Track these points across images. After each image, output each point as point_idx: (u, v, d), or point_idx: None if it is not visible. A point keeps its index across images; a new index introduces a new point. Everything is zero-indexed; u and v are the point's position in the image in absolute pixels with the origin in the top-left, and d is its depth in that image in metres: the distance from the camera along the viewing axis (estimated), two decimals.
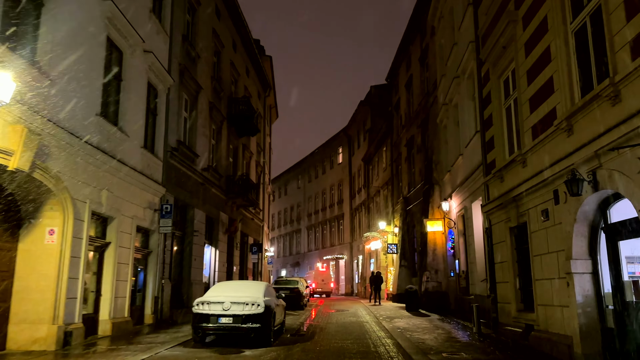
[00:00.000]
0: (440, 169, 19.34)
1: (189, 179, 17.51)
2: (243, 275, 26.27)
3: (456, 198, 16.35)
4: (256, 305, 9.95)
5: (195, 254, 17.85)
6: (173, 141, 16.06)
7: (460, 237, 16.18)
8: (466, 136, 14.73)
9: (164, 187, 15.03)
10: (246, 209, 25.72)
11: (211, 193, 20.02)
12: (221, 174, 21.32)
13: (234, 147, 24.23)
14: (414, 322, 14.54)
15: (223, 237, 21.64)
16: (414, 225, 24.29)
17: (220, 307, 9.91)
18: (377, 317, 16.51)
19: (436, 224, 18.79)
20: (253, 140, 28.32)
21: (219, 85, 21.29)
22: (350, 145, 46.19)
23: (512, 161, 10.29)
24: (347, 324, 14.62)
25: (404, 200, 25.92)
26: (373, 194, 36.64)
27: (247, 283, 11.70)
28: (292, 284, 21.90)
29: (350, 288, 43.96)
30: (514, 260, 10.57)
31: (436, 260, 18.94)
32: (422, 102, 22.67)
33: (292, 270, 58.41)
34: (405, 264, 25.26)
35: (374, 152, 36.29)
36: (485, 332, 11.73)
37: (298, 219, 58.80)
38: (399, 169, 28.75)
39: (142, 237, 14.36)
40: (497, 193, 11.24)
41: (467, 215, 14.76)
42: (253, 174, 28.01)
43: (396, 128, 29.48)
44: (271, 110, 39.30)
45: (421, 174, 22.88)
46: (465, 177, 14.62)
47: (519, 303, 10.40)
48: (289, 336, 11.91)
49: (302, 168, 58.82)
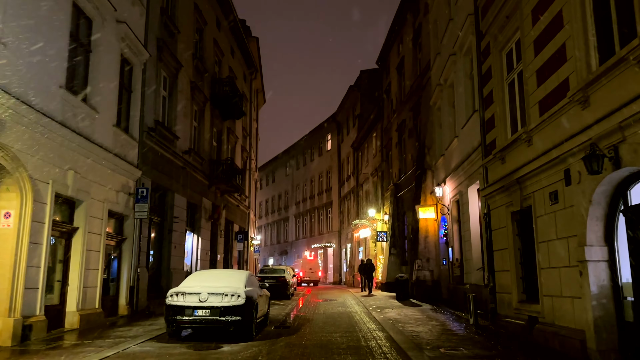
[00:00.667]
0: (433, 153, 18.54)
1: (169, 162, 16.50)
2: (228, 264, 25.37)
3: (450, 183, 15.57)
4: (236, 296, 9.08)
5: (175, 242, 16.89)
6: (150, 121, 15.01)
7: (454, 223, 15.43)
8: (462, 117, 13.91)
9: (139, 170, 14.02)
10: (231, 195, 24.75)
11: (193, 178, 19.02)
12: (204, 158, 20.31)
13: (217, 130, 23.18)
14: (406, 313, 13.80)
15: (206, 224, 20.69)
16: (405, 212, 23.54)
17: (197, 298, 9.02)
18: (366, 308, 15.76)
19: (428, 210, 18.03)
20: (238, 124, 27.27)
21: (202, 65, 20.19)
22: (339, 131, 45.26)
23: (515, 140, 9.47)
24: (336, 315, 13.83)
25: (395, 187, 25.15)
26: (362, 181, 35.85)
27: (228, 272, 10.82)
28: (278, 272, 21.04)
29: (339, 277, 43.32)
30: (515, 248, 9.81)
31: (428, 248, 18.21)
32: (414, 84, 21.79)
33: (280, 259, 57.66)
34: (395, 252, 24.55)
35: (363, 138, 35.43)
36: (483, 324, 11.00)
37: (286, 207, 57.93)
38: (389, 155, 27.94)
39: (115, 222, 13.38)
40: (498, 175, 10.44)
41: (463, 201, 13.99)
42: (238, 159, 27.01)
43: (387, 113, 28.61)
44: (258, 94, 38.16)
45: (413, 159, 22.08)
46: (461, 160, 13.82)
47: (520, 293, 9.66)
48: (273, 329, 11.08)
49: (290, 155, 57.82)
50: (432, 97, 18.06)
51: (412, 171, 21.83)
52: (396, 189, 24.98)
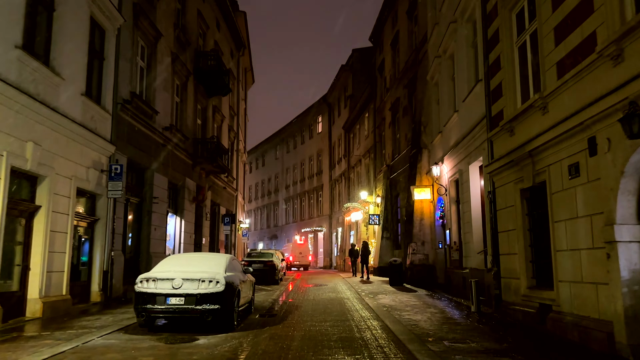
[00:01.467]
0: (430, 131, 17.54)
1: (147, 138, 15.34)
2: (214, 248, 24.37)
3: (448, 161, 14.61)
4: (214, 282, 8.07)
5: (155, 223, 15.82)
6: (126, 92, 13.82)
7: (452, 204, 14.52)
8: (463, 89, 12.89)
9: (113, 145, 12.88)
10: (217, 177, 23.65)
11: (175, 156, 17.88)
12: (187, 136, 19.15)
13: (202, 107, 21.97)
14: (401, 299, 12.92)
15: (190, 206, 19.61)
16: (398, 194, 22.62)
17: (170, 284, 8.00)
18: (358, 293, 14.87)
19: (424, 191, 17.09)
20: (225, 102, 26.04)
21: (184, 36, 18.91)
22: (330, 113, 44.11)
23: (527, 109, 8.48)
24: (326, 301, 12.92)
25: (388, 168, 24.18)
26: (354, 164, 34.86)
27: (206, 256, 9.77)
28: (266, 256, 20.06)
29: (329, 261, 42.55)
30: (525, 228, 8.88)
31: (423, 231, 17.32)
32: (409, 59, 20.70)
33: (270, 243, 56.80)
34: (388, 236, 23.68)
35: (355, 118, 34.34)
36: (486, 312, 10.14)
37: (276, 190, 56.90)
38: (382, 135, 26.92)
39: (86, 202, 12.28)
40: (505, 149, 9.46)
41: (462, 180, 13.04)
42: (225, 139, 25.84)
43: (380, 91, 27.52)
44: (246, 73, 36.82)
45: (407, 138, 21.09)
46: (462, 135, 12.83)
47: (530, 279, 8.76)
48: (257, 317, 10.12)
49: (280, 138, 56.60)
50: (429, 71, 17.00)
51: (406, 151, 20.86)
52: (389, 170, 24.01)
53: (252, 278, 11.05)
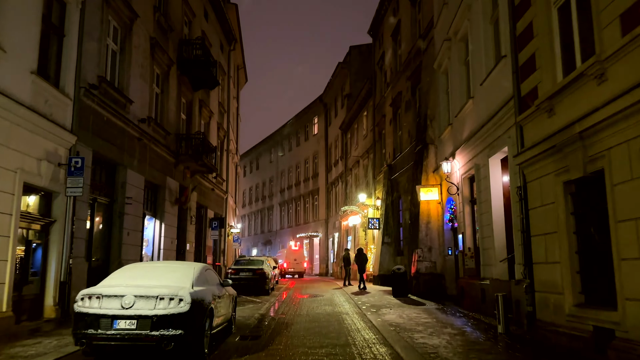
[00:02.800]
0: (437, 125, 15.81)
1: (119, 130, 13.52)
2: (201, 254, 22.49)
3: (461, 156, 12.86)
4: (177, 300, 6.25)
5: (128, 227, 13.98)
6: (92, 76, 12.01)
7: (465, 205, 12.75)
8: (481, 72, 11.16)
9: (74, 135, 11.05)
10: (204, 177, 21.82)
11: (154, 153, 16.06)
12: (169, 131, 17.33)
13: (187, 101, 20.18)
14: (409, 315, 11.11)
15: (172, 209, 17.77)
16: (400, 196, 20.85)
17: (118, 303, 6.17)
18: (358, 306, 13.06)
19: (431, 191, 15.33)
20: (214, 97, 24.26)
21: (166, 22, 17.15)
22: (326, 114, 42.43)
23: (574, 80, 6.74)
24: (322, 318, 11.09)
25: (388, 168, 22.43)
26: (351, 165, 33.11)
27: (172, 266, 7.90)
28: (255, 264, 18.17)
29: (325, 268, 40.67)
30: (570, 231, 7.11)
31: (430, 235, 15.53)
32: (412, 49, 19.00)
33: (264, 249, 54.91)
34: (389, 241, 21.89)
35: (353, 118, 32.63)
36: (516, 333, 8.35)
37: (270, 195, 55.08)
38: (382, 133, 25.19)
39: (39, 200, 10.44)
40: (542, 134, 7.71)
41: (480, 176, 11.28)
42: (213, 137, 24.03)
43: (379, 87, 25.81)
44: (238, 70, 35.09)
45: (410, 135, 19.36)
46: (479, 125, 11.09)
47: (577, 294, 6.98)
48: (237, 340, 8.30)
49: (274, 140, 54.86)
50: (437, 58, 15.28)
51: (409, 149, 19.12)
52: (390, 170, 22.26)
53: (233, 291, 9.22)
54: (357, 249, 22.66)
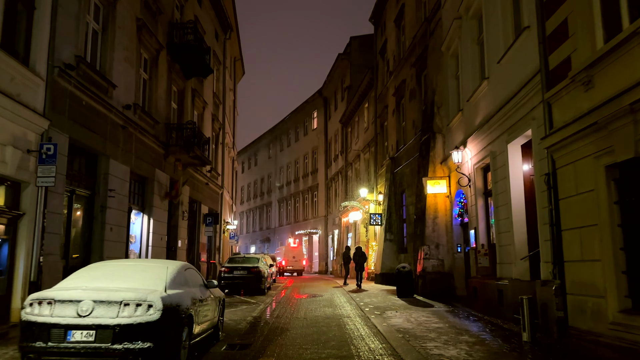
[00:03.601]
0: (445, 112, 14.71)
1: (101, 116, 12.42)
2: (194, 252, 21.42)
3: (474, 144, 11.77)
4: (145, 306, 5.17)
5: (112, 222, 12.89)
6: (68, 55, 10.90)
7: (478, 198, 11.66)
8: (498, 48, 10.06)
9: (46, 119, 9.95)
10: (197, 171, 20.71)
11: (141, 143, 14.97)
12: (157, 120, 16.21)
13: (179, 90, 19.07)
14: (417, 318, 10.03)
15: (161, 203, 16.67)
16: (404, 190, 19.77)
17: (74, 309, 5.09)
18: (360, 308, 11.99)
19: (438, 183, 14.24)
20: (208, 87, 23.13)
21: (154, 3, 16.02)
22: (326, 107, 41.30)
23: (621, 43, 5.65)
24: (321, 322, 10.01)
25: (391, 161, 21.34)
26: (352, 160, 32.01)
27: (145, 264, 6.71)
28: (251, 262, 17.06)
29: (325, 266, 39.62)
30: (614, 223, 6.03)
31: (437, 231, 14.45)
32: (417, 33, 17.88)
33: (262, 247, 53.85)
34: (392, 238, 20.83)
35: (353, 110, 31.51)
36: (544, 341, 7.27)
37: (269, 191, 54.00)
38: (384, 125, 24.09)
39: (5, 191, 9.34)
40: (577, 111, 6.62)
41: (496, 165, 10.19)
42: (207, 129, 22.92)
43: (381, 78, 24.69)
44: (235, 62, 33.94)
45: (415, 125, 18.26)
46: (496, 107, 9.99)
47: (622, 298, 5.91)
48: (223, 349, 7.22)
49: (273, 136, 53.75)
50: (445, 40, 14.18)
51: (414, 140, 18.03)
52: (393, 163, 21.17)
53: (220, 293, 8.14)
54: (356, 247, 21.61)
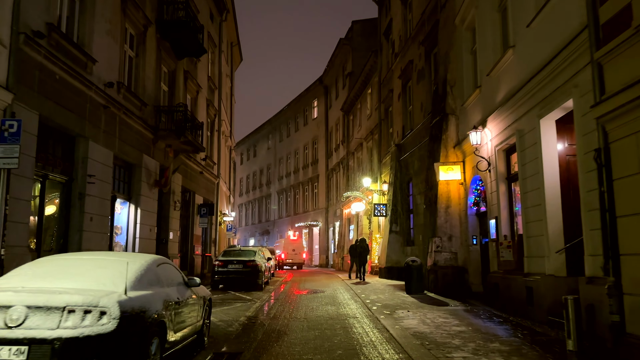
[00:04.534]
0: (459, 91, 13.43)
1: (78, 94, 11.17)
2: (187, 244, 20.22)
3: (495, 123, 10.50)
4: (96, 313, 3.94)
5: (92, 211, 11.67)
6: (38, 22, 9.61)
7: (500, 183, 10.40)
8: (527, 11, 8.76)
9: (10, 92, 8.71)
10: (190, 158, 19.46)
11: (127, 125, 13.72)
12: (145, 102, 14.94)
13: (169, 70, 17.78)
14: (434, 319, 8.82)
15: (150, 192, 15.44)
16: (411, 178, 18.52)
17: (1, 317, 3.86)
18: (367, 306, 10.78)
19: (452, 169, 12.99)
20: (202, 70, 21.82)
21: None
22: (327, 96, 39.96)
23: None
24: (324, 323, 8.81)
25: (397, 148, 20.07)
26: (354, 149, 30.75)
27: (105, 259, 5.38)
28: (246, 255, 15.82)
29: (325, 259, 38.47)
30: None
31: (450, 222, 13.22)
32: (426, 9, 16.56)
33: (262, 239, 52.71)
34: (397, 230, 19.61)
35: (355, 97, 30.20)
36: (596, 351, 6.06)
37: (268, 183, 52.75)
38: (388, 111, 22.80)
39: None
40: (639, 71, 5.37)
41: (524, 144, 8.94)
42: (202, 114, 21.63)
43: (386, 60, 23.37)
44: (232, 48, 32.62)
45: (423, 109, 16.99)
46: (525, 78, 8.72)
47: None
48: (210, 358, 6.01)
49: (272, 126, 52.42)
50: (460, 12, 12.88)
51: (422, 124, 16.76)
52: (399, 150, 19.91)
53: (205, 292, 6.91)
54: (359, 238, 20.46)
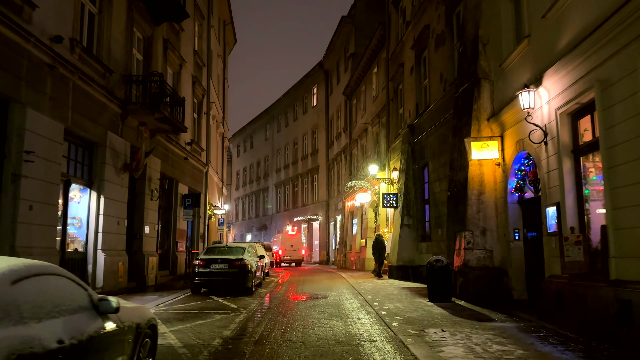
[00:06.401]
0: (496, 49, 10.82)
1: (11, 46, 8.59)
2: (169, 240, 17.67)
3: (557, 78, 7.91)
4: None
5: (32, 198, 9.13)
6: None
7: (564, 157, 7.81)
8: None
9: None
10: (171, 140, 16.87)
11: (84, 94, 11.14)
12: (110, 69, 12.34)
13: (145, 37, 15.16)
14: (484, 345, 6.26)
15: (117, 177, 12.86)
16: (427, 163, 15.95)
17: None
18: (384, 320, 8.24)
19: (487, 146, 10.41)
20: (186, 42, 19.19)
21: None
22: (327, 81, 37.33)
23: None
24: (328, 351, 6.25)
25: (409, 130, 17.49)
26: (357, 136, 28.16)
27: None
28: (234, 253, 13.15)
29: (326, 256, 35.95)
30: None
31: (484, 212, 10.64)
32: None
33: (259, 235, 50.17)
34: (410, 223, 17.07)
35: (359, 79, 27.58)
36: None
37: (266, 175, 50.15)
38: (398, 89, 20.20)
39: None
40: None
41: (613, 98, 6.35)
42: (187, 92, 19.01)
43: (395, 32, 20.73)
44: (225, 26, 29.95)
45: (443, 79, 14.40)
46: (615, 4, 6.11)
47: None
48: None
49: (270, 116, 49.79)
50: None
51: (443, 98, 14.17)
52: (411, 132, 17.34)
53: (143, 317, 4.31)
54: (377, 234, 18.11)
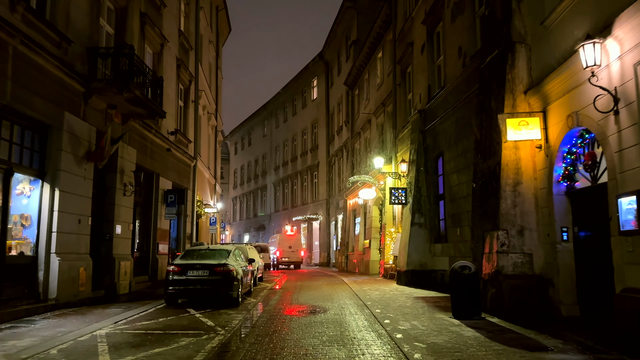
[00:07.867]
0: (530, 9, 8.77)
1: None
2: (147, 242, 15.62)
3: (634, 25, 5.86)
4: None
5: None
6: None
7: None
8: None
9: None
10: (149, 128, 14.81)
11: (31, 65, 9.12)
12: (69, 38, 10.30)
13: (117, 7, 13.11)
14: None
15: (78, 167, 10.81)
16: (442, 152, 13.89)
17: None
18: (402, 349, 6.20)
19: (525, 124, 8.36)
20: (169, 20, 17.14)
21: None
22: (328, 74, 35.30)
23: None
24: None
25: (420, 115, 15.45)
26: (360, 128, 26.11)
27: None
28: (216, 257, 10.99)
29: (327, 257, 33.89)
30: None
31: (521, 207, 8.60)
32: None
33: (257, 235, 48.14)
34: (422, 222, 15.01)
35: (362, 66, 25.53)
36: None
37: (263, 173, 48.12)
38: (406, 72, 18.16)
39: None
40: None
41: None
42: (170, 76, 16.97)
43: (402, 9, 18.69)
44: (218, 12, 27.92)
45: (463, 53, 12.36)
46: None
47: None
48: None
49: (268, 111, 47.77)
50: None
51: (463, 74, 12.12)
52: (423, 118, 15.29)
53: None
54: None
